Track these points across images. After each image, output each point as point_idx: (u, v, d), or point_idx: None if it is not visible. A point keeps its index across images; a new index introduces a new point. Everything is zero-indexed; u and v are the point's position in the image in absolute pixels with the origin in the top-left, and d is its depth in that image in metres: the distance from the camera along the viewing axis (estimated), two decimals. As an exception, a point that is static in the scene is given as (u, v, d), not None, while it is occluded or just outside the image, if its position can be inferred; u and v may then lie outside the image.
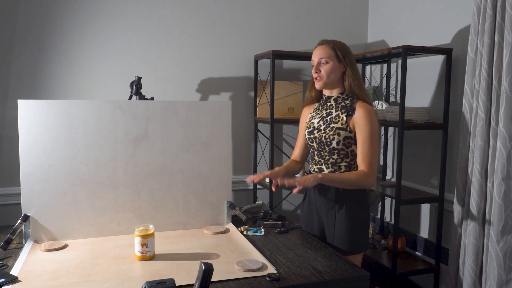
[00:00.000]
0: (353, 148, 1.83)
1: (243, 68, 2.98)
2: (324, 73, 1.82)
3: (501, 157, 2.06)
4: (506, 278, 2.07)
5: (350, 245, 1.82)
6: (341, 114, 1.82)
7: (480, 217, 2.20)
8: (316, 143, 1.88)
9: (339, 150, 1.82)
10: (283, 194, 3.17)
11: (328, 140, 1.82)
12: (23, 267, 1.48)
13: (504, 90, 2.04)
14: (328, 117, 1.86)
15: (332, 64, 1.81)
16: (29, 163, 1.74)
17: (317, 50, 1.85)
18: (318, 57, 1.83)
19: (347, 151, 1.82)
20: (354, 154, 1.83)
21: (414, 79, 2.81)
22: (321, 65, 1.83)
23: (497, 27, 2.08)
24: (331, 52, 1.82)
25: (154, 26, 2.76)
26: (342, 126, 1.80)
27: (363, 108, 1.78)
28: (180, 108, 1.92)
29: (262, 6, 3.00)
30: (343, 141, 1.80)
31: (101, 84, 2.68)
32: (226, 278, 1.40)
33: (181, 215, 1.96)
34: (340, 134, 1.80)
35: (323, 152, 1.86)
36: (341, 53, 1.82)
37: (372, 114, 1.78)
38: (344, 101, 1.84)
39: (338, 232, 1.83)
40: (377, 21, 3.20)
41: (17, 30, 2.50)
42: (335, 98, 1.87)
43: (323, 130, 1.85)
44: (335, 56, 1.81)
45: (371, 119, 1.77)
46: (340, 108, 1.84)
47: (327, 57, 1.81)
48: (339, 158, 1.83)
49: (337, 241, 1.83)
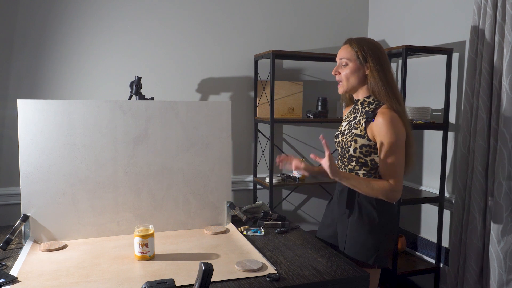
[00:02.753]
0: (374, 157, 1.64)
1: (243, 68, 2.98)
2: (343, 75, 1.69)
3: (501, 157, 2.06)
4: (506, 278, 2.06)
5: (362, 256, 1.65)
6: (362, 119, 1.66)
7: (480, 217, 2.19)
8: (340, 147, 1.77)
9: (357, 158, 1.67)
10: (283, 194, 3.17)
11: (346, 146, 1.69)
12: (23, 267, 1.48)
13: (505, 90, 2.04)
14: (353, 122, 1.71)
15: (352, 66, 1.66)
16: (29, 163, 1.73)
17: (340, 50, 1.71)
18: (339, 58, 1.71)
19: (365, 160, 1.65)
20: (375, 163, 1.65)
21: (415, 79, 2.81)
22: (341, 67, 1.69)
23: (497, 27, 2.08)
24: (352, 53, 1.66)
25: (154, 26, 2.76)
26: (360, 133, 1.64)
27: (384, 115, 1.58)
28: (180, 108, 1.92)
29: (262, 6, 3.00)
30: (360, 149, 1.64)
31: (101, 84, 2.68)
32: (226, 278, 1.39)
33: (181, 215, 1.95)
34: (357, 141, 1.65)
35: (344, 158, 1.74)
36: (363, 54, 1.64)
37: (395, 121, 1.58)
38: (369, 105, 1.67)
39: (350, 239, 1.68)
40: (377, 21, 3.19)
41: (17, 30, 2.50)
42: (361, 102, 1.71)
43: (345, 135, 1.72)
44: (356, 57, 1.65)
45: (393, 127, 1.57)
46: (363, 113, 1.67)
47: (347, 58, 1.67)
48: (357, 166, 1.67)
49: (348, 249, 1.68)
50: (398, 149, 1.59)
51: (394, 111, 1.60)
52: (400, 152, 1.60)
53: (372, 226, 1.65)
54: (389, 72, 1.66)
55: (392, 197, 1.62)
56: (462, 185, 2.31)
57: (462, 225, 2.33)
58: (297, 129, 3.17)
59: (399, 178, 1.61)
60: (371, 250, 1.65)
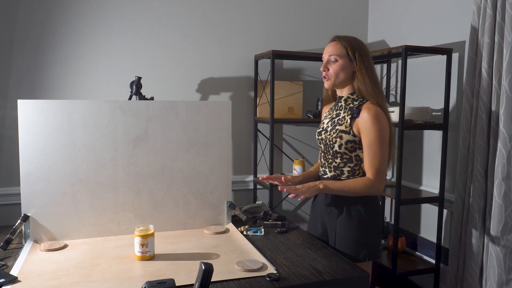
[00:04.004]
0: (359, 153, 1.70)
1: (243, 68, 2.98)
2: (332, 72, 1.71)
3: (501, 157, 2.06)
4: (506, 278, 2.07)
5: (354, 251, 1.70)
6: (347, 116, 1.71)
7: (480, 217, 2.19)
8: (323, 144, 1.80)
9: (341, 154, 1.71)
10: (283, 194, 3.17)
11: (331, 142, 1.73)
12: (23, 267, 1.48)
13: (504, 90, 2.04)
14: (336, 118, 1.75)
15: (342, 63, 1.69)
16: (29, 163, 1.73)
17: (328, 46, 1.74)
18: (327, 54, 1.72)
19: (351, 156, 1.71)
20: (359, 159, 1.71)
21: (414, 79, 2.81)
22: (330, 63, 1.72)
23: (497, 27, 2.08)
24: (341, 49, 1.70)
25: (154, 26, 2.76)
26: (345, 129, 1.69)
27: (369, 111, 1.63)
28: (180, 108, 1.92)
29: (262, 6, 3.00)
30: (345, 145, 1.69)
31: (101, 84, 2.68)
32: (226, 278, 1.39)
33: (181, 215, 1.96)
34: (343, 137, 1.69)
35: (327, 155, 1.77)
36: (352, 51, 1.68)
37: (380, 117, 1.63)
38: (354, 102, 1.72)
39: (340, 236, 1.72)
40: (377, 21, 3.20)
41: (17, 30, 2.50)
42: (345, 99, 1.75)
43: (329, 131, 1.75)
44: (346, 54, 1.69)
45: (378, 123, 1.62)
46: (347, 110, 1.72)
47: (336, 54, 1.70)
48: (342, 163, 1.72)
49: (339, 245, 1.73)
50: (382, 143, 1.64)
51: (379, 106, 1.66)
52: (384, 146, 1.65)
53: (360, 221, 1.70)
54: (374, 69, 1.73)
55: (376, 191, 1.67)
56: (462, 185, 2.31)
57: (462, 225, 2.33)
58: (297, 129, 3.17)
59: (382, 172, 1.66)
60: (362, 245, 1.70)
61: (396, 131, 3.04)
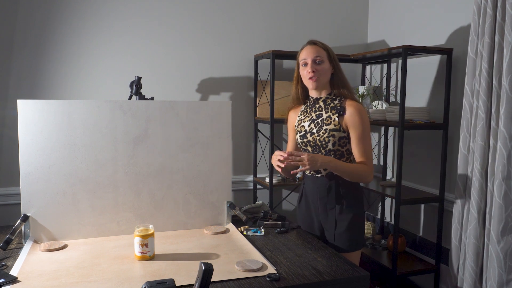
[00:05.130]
0: (348, 147, 1.82)
1: (243, 68, 2.98)
2: (321, 71, 1.79)
3: (501, 157, 2.06)
4: (506, 278, 2.07)
5: (350, 244, 1.83)
6: (332, 115, 1.81)
7: (480, 217, 2.19)
8: (310, 146, 1.86)
9: (335, 151, 1.81)
10: (283, 194, 3.17)
11: (323, 142, 1.81)
12: (23, 267, 1.48)
13: (504, 90, 2.04)
14: (319, 119, 1.84)
15: (327, 65, 1.80)
16: (29, 163, 1.73)
17: (311, 48, 1.81)
18: (313, 55, 1.79)
19: (342, 151, 1.82)
20: (349, 152, 1.83)
21: (414, 79, 2.81)
22: (318, 64, 1.79)
23: (497, 27, 2.08)
24: (324, 52, 1.81)
25: (154, 26, 2.76)
26: (335, 127, 1.79)
27: (354, 107, 1.78)
28: (180, 108, 1.92)
29: (262, 6, 3.00)
30: (338, 142, 1.80)
31: (101, 84, 2.68)
32: (226, 278, 1.39)
33: (181, 215, 1.96)
34: (335, 135, 1.79)
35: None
36: (331, 53, 1.82)
37: (363, 112, 1.79)
38: (333, 101, 1.83)
39: (339, 232, 1.82)
40: (377, 21, 3.19)
41: (17, 30, 2.50)
42: (323, 100, 1.85)
43: (316, 133, 1.83)
44: (327, 56, 1.81)
45: (363, 117, 1.77)
46: (330, 109, 1.82)
47: (322, 56, 1.80)
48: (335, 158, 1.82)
49: (338, 241, 1.83)
50: (368, 135, 1.80)
51: (359, 103, 1.82)
52: (369, 138, 1.80)
53: (354, 215, 1.83)
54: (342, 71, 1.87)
55: (370, 178, 1.79)
56: (462, 185, 2.31)
57: (462, 225, 2.33)
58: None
59: (371, 161, 1.80)
60: (358, 238, 1.85)
61: (396, 131, 3.05)
